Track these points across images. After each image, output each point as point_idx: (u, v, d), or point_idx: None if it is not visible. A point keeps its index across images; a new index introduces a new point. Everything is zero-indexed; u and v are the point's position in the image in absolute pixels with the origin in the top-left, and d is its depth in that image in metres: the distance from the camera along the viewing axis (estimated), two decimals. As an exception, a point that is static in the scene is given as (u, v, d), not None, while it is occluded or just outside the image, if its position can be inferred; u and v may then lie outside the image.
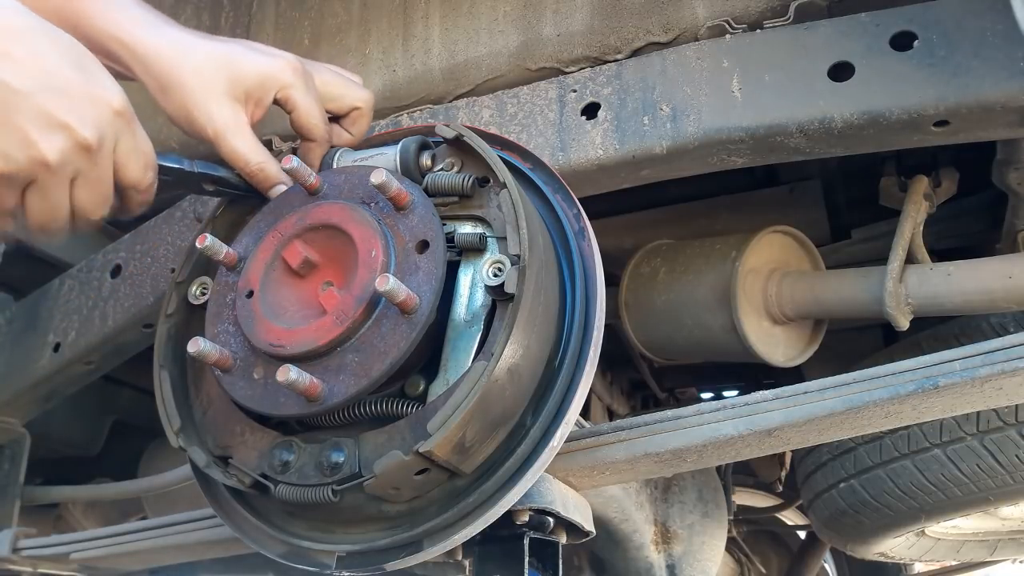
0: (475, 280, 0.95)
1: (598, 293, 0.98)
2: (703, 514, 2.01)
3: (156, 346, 1.04)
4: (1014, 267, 1.45)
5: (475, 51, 1.51)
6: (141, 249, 1.69)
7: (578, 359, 0.95)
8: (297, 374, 0.84)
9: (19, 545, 1.67)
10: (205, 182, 1.03)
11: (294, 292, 0.96)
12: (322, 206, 0.98)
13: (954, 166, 1.66)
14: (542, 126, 1.37)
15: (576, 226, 1.03)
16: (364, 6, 1.65)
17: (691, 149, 1.27)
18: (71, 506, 2.42)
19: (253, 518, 1.00)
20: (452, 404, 0.83)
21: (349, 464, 0.88)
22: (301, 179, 1.00)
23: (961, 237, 1.82)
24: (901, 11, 1.19)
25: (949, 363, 0.99)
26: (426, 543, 0.92)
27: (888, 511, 1.87)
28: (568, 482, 1.16)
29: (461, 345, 0.93)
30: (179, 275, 1.07)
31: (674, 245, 1.89)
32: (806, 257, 1.80)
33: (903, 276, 1.53)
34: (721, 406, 1.10)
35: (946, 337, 1.69)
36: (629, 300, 1.86)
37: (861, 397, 1.02)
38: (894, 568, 3.59)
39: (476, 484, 0.91)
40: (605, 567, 1.95)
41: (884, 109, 1.17)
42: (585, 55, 1.43)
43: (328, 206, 0.97)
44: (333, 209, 0.96)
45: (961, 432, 1.69)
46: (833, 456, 1.96)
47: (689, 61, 1.31)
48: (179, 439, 0.96)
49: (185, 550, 1.50)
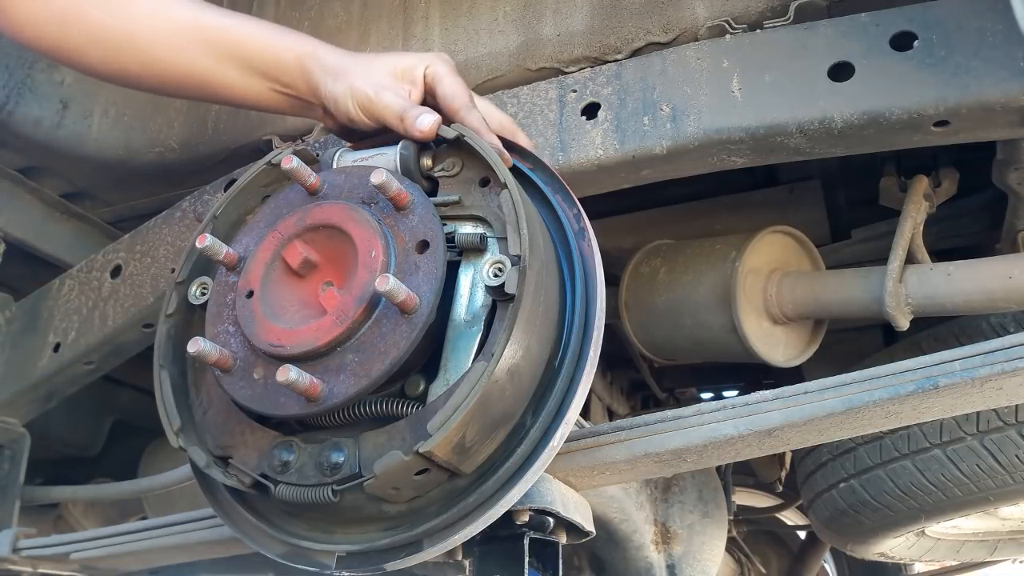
0: (475, 280, 0.95)
1: (598, 293, 0.98)
2: (703, 514, 2.01)
3: (156, 346, 1.04)
4: (1014, 267, 1.44)
5: (475, 51, 1.51)
6: (141, 249, 1.69)
7: (578, 359, 0.95)
8: (297, 374, 0.84)
9: (19, 545, 1.66)
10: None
11: (294, 292, 0.96)
12: (322, 206, 0.98)
13: (954, 166, 1.66)
14: (542, 126, 1.37)
15: (576, 226, 1.03)
16: (364, 6, 1.65)
17: (691, 149, 1.27)
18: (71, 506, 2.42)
19: (253, 518, 1.00)
20: (452, 404, 0.83)
21: (349, 464, 0.88)
22: (301, 179, 1.00)
23: (961, 237, 1.82)
24: (901, 11, 1.19)
25: (949, 363, 0.99)
26: (426, 543, 0.92)
27: (888, 511, 1.87)
28: (568, 482, 1.16)
29: (461, 345, 0.93)
30: (179, 275, 1.07)
31: (674, 245, 1.89)
32: (806, 257, 1.80)
33: (903, 276, 1.53)
34: (721, 406, 1.10)
35: (946, 337, 1.69)
36: (629, 300, 1.86)
37: (861, 397, 1.02)
38: (894, 568, 3.59)
39: (476, 484, 0.91)
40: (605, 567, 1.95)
41: (884, 109, 1.17)
42: (585, 55, 1.43)
43: (328, 206, 0.97)
44: (333, 209, 0.96)
45: (961, 432, 1.69)
46: (833, 456, 1.96)
47: (689, 61, 1.31)
48: (179, 439, 0.96)
49: (185, 550, 1.50)
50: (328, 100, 1.08)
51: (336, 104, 1.08)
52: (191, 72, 1.11)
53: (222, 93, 1.14)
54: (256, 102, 1.14)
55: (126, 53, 1.11)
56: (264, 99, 1.13)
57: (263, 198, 1.11)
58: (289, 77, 1.10)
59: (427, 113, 1.03)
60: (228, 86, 1.12)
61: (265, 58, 1.10)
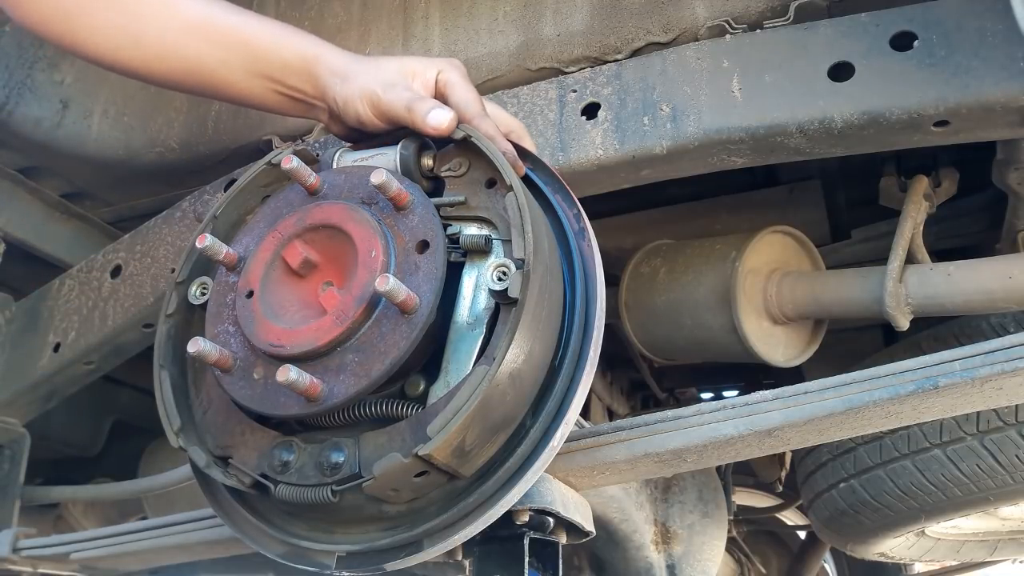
0: (479, 283, 0.95)
1: (598, 293, 0.98)
2: (703, 514, 2.01)
3: (156, 346, 1.04)
4: (1014, 267, 1.45)
5: (475, 51, 1.51)
6: (141, 249, 1.69)
7: (578, 359, 0.95)
8: (297, 374, 0.84)
9: (19, 545, 1.66)
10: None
11: (294, 292, 0.96)
12: (322, 206, 0.98)
13: (954, 166, 1.66)
14: (542, 126, 1.37)
15: (576, 226, 1.03)
16: (364, 6, 1.65)
17: (691, 149, 1.27)
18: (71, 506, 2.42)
19: (253, 518, 1.00)
20: (453, 408, 0.83)
21: (349, 464, 0.88)
22: (301, 179, 1.00)
23: (961, 237, 1.82)
24: (901, 11, 1.20)
25: (949, 363, 0.99)
26: (426, 543, 0.92)
27: (888, 511, 1.87)
28: (568, 482, 1.16)
29: (463, 347, 0.93)
30: (179, 275, 1.07)
31: (674, 245, 1.89)
32: (806, 257, 1.80)
33: (903, 276, 1.53)
34: (721, 406, 1.10)
35: (946, 337, 1.69)
36: (629, 300, 1.86)
37: (861, 397, 1.02)
38: (894, 568, 3.59)
39: (476, 484, 0.90)
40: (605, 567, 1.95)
41: (884, 109, 1.17)
42: (585, 55, 1.43)
43: (328, 206, 0.97)
44: (333, 209, 0.96)
45: (961, 432, 1.69)
46: (833, 456, 1.96)
47: (689, 61, 1.31)
48: (179, 439, 0.96)
49: (185, 550, 1.50)
50: (337, 101, 1.08)
51: (345, 105, 1.07)
52: (198, 70, 1.12)
53: (227, 91, 1.14)
54: (260, 102, 1.15)
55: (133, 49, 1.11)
56: (268, 100, 1.13)
57: (263, 198, 1.11)
58: (295, 79, 1.10)
59: (440, 108, 1.02)
60: (233, 84, 1.12)
61: (271, 60, 1.10)
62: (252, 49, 1.10)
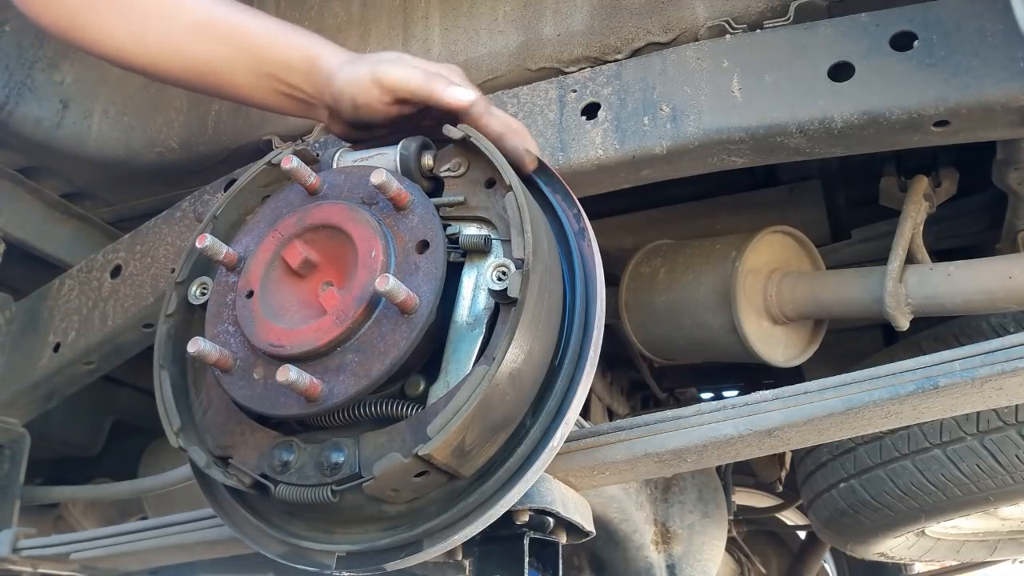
0: (479, 283, 0.95)
1: (598, 293, 0.98)
2: (703, 514, 2.01)
3: (156, 346, 1.04)
4: (1014, 267, 1.45)
5: (475, 51, 1.51)
6: (141, 249, 1.69)
7: (578, 359, 0.95)
8: (297, 374, 0.84)
9: (19, 545, 1.66)
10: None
11: (294, 292, 0.96)
12: (322, 206, 0.98)
13: (954, 166, 1.66)
14: (542, 126, 1.37)
15: (576, 226, 1.03)
16: (364, 6, 1.65)
17: (691, 149, 1.27)
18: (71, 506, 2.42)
19: (253, 518, 1.00)
20: (452, 408, 0.83)
21: (349, 464, 0.88)
22: (301, 179, 1.00)
23: (961, 237, 1.82)
24: (901, 11, 1.20)
25: (949, 363, 0.99)
26: (426, 543, 0.92)
27: (888, 511, 1.87)
28: (568, 482, 1.16)
29: (462, 347, 0.93)
30: (179, 275, 1.07)
31: (674, 245, 1.89)
32: (806, 257, 1.80)
33: (903, 276, 1.53)
34: (721, 406, 1.10)
35: (946, 337, 1.69)
36: (629, 300, 1.86)
37: (861, 397, 1.02)
38: (894, 568, 3.59)
39: (476, 484, 0.90)
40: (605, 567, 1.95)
41: (884, 109, 1.17)
42: (585, 55, 1.43)
43: (328, 206, 0.97)
44: (333, 209, 0.96)
45: (961, 432, 1.69)
46: (833, 456, 1.96)
47: (689, 61, 1.31)
48: (179, 439, 0.96)
49: (185, 550, 1.50)
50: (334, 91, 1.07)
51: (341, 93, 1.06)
52: (202, 68, 1.12)
53: (230, 89, 1.15)
54: (262, 101, 1.15)
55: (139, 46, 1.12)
56: (270, 99, 1.14)
57: (263, 198, 1.11)
58: (297, 78, 1.10)
59: (459, 86, 1.01)
60: (236, 82, 1.13)
61: (274, 58, 1.10)
62: (255, 47, 1.11)
